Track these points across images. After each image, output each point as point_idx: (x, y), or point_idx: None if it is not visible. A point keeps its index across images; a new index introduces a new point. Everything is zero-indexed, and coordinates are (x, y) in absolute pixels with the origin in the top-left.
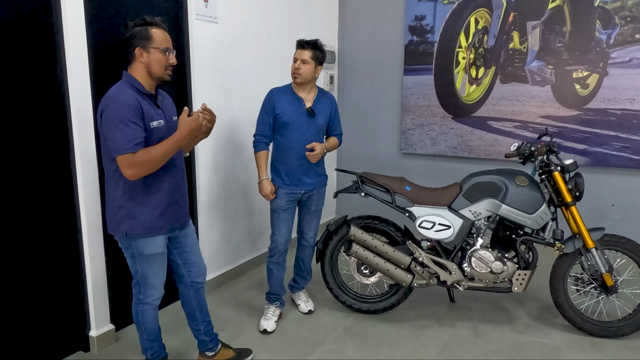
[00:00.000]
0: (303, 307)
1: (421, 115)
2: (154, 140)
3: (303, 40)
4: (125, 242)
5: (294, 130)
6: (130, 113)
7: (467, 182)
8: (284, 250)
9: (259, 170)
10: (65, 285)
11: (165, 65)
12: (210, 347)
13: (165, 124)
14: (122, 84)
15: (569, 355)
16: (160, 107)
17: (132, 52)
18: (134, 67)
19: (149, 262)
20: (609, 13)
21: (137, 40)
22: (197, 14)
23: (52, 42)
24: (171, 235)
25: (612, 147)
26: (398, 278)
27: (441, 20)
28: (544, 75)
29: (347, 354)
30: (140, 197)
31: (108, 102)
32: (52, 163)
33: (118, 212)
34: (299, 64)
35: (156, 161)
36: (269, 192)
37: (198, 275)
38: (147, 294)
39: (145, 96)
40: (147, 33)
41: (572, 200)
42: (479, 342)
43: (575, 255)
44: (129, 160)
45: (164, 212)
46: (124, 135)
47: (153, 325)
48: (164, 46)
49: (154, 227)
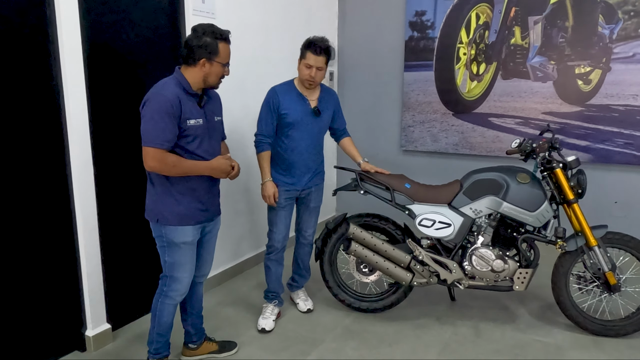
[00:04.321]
0: (302, 305)
1: (422, 111)
2: (188, 136)
3: (319, 47)
4: (157, 231)
5: (299, 130)
6: (168, 110)
7: (468, 180)
8: (282, 247)
9: (262, 171)
10: (61, 285)
11: (221, 77)
12: (194, 340)
13: (204, 123)
14: (170, 79)
15: (572, 354)
16: (203, 107)
17: (195, 59)
18: (190, 69)
19: (179, 251)
20: (612, 7)
21: (204, 52)
22: (194, 9)
23: (45, 39)
24: (201, 226)
25: (615, 143)
26: (398, 277)
27: (442, 15)
28: (546, 71)
29: (347, 353)
30: (175, 186)
31: (152, 94)
32: (47, 161)
33: (153, 198)
34: (315, 72)
35: (181, 171)
36: (271, 194)
37: (200, 271)
38: (172, 287)
39: (189, 95)
40: (216, 48)
41: (574, 198)
42: (480, 341)
43: (577, 253)
44: (157, 155)
45: (195, 204)
46: (158, 129)
47: (167, 321)
48: (226, 61)
49: (184, 217)
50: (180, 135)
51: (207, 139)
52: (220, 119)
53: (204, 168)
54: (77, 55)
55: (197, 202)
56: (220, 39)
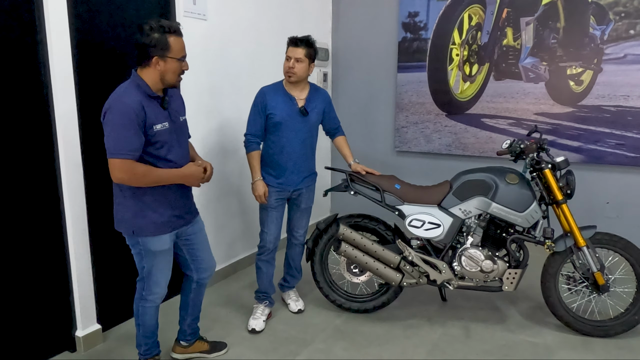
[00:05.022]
0: (293, 306)
1: (415, 112)
2: (157, 142)
3: (296, 38)
4: (132, 240)
5: (287, 130)
6: (132, 117)
7: (458, 180)
8: (274, 248)
9: (252, 170)
10: (51, 285)
11: (179, 73)
12: (188, 338)
13: (170, 126)
14: (128, 84)
15: (561, 354)
16: (167, 108)
17: (147, 59)
18: (146, 70)
19: (155, 259)
20: (603, 9)
21: (154, 49)
22: (185, 10)
23: (34, 40)
24: (178, 231)
25: (606, 144)
26: (387, 277)
27: (434, 16)
28: (538, 72)
29: (336, 353)
30: (147, 196)
31: (113, 102)
32: (36, 162)
33: (126, 211)
34: (292, 63)
35: (150, 181)
36: (262, 193)
37: (205, 271)
38: (151, 292)
39: (151, 98)
40: (166, 43)
41: (563, 198)
42: (470, 341)
43: (566, 253)
44: (125, 166)
45: (171, 211)
46: (123, 139)
47: (151, 323)
48: (181, 55)
49: (161, 225)
50: (148, 142)
51: (175, 142)
52: (185, 118)
53: (176, 177)
54: (67, 56)
55: (172, 209)
56: (169, 32)
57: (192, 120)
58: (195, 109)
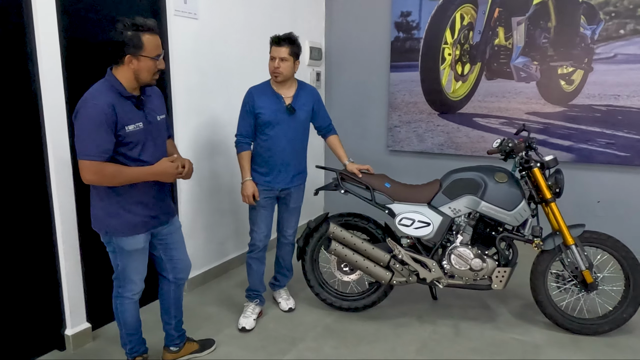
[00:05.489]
0: (284, 305)
1: (408, 112)
2: (129, 142)
3: (278, 37)
4: (106, 238)
5: (276, 129)
6: (102, 119)
7: (447, 179)
8: (264, 246)
9: (242, 171)
10: (40, 283)
11: (154, 72)
12: (177, 342)
13: (144, 126)
14: (102, 84)
15: (549, 352)
16: (142, 108)
17: (120, 57)
18: (120, 69)
19: (130, 257)
20: (593, 8)
21: (128, 47)
22: (176, 9)
23: (22, 38)
24: (153, 231)
25: (597, 143)
26: (377, 276)
27: (427, 16)
28: (529, 71)
29: (325, 352)
30: (123, 197)
31: (83, 103)
32: (25, 161)
33: (101, 210)
34: (278, 63)
35: (122, 181)
36: (251, 194)
37: (182, 272)
38: (127, 289)
39: (125, 98)
40: (139, 41)
41: (551, 197)
42: (459, 339)
43: (555, 252)
44: (94, 167)
45: (146, 211)
46: (93, 141)
47: (132, 320)
48: (155, 54)
49: (135, 226)
50: (120, 143)
51: (150, 142)
52: (163, 118)
53: (148, 174)
54: (55, 55)
55: (147, 209)
56: (143, 30)
57: (183, 119)
58: (186, 108)
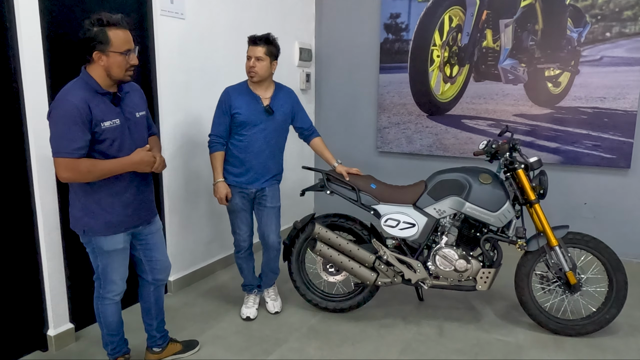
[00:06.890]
0: (270, 306)
1: (397, 113)
2: (106, 139)
3: (255, 36)
4: (85, 238)
5: (252, 129)
6: (75, 116)
7: (432, 180)
8: (249, 245)
9: (215, 172)
10: (22, 283)
11: (126, 68)
12: (159, 343)
13: (121, 123)
14: (76, 82)
15: (532, 353)
16: (119, 105)
17: (90, 54)
18: (92, 66)
19: (109, 257)
20: (580, 11)
21: (94, 44)
22: (162, 9)
23: (4, 35)
24: (134, 231)
25: (583, 145)
26: (362, 276)
27: (416, 18)
28: (517, 73)
29: (309, 352)
30: (101, 195)
31: (56, 101)
32: (5, 157)
33: (79, 210)
34: (253, 62)
35: (98, 175)
36: (223, 196)
37: (161, 273)
38: (108, 289)
39: (100, 95)
40: (105, 36)
41: (535, 198)
42: (443, 340)
43: (539, 253)
44: (69, 164)
45: (125, 211)
46: (67, 138)
47: (113, 320)
48: (124, 49)
49: (113, 225)
50: (96, 140)
51: (128, 139)
52: (143, 114)
53: (124, 164)
54: (38, 53)
55: (126, 207)
56: (109, 25)
57: (168, 119)
58: (173, 108)
